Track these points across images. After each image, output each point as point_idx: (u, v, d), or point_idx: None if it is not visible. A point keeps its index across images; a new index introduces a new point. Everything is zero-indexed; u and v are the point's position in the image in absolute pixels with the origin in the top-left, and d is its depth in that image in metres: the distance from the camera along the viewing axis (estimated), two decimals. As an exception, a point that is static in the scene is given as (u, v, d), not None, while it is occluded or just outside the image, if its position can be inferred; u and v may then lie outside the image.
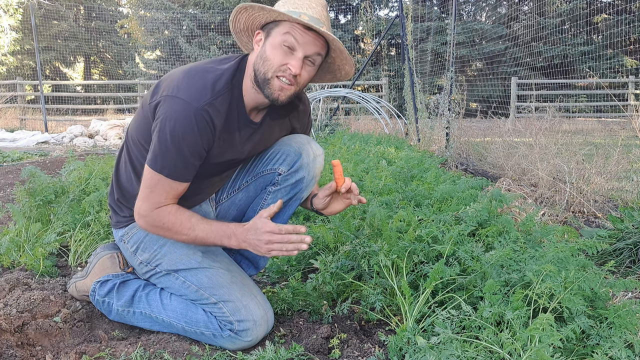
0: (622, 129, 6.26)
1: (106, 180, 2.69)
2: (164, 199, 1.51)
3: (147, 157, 1.49)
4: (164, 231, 1.54)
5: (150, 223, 1.53)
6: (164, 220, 1.51)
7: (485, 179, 2.91)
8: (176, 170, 1.46)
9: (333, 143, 5.86)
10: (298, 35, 1.44)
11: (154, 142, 1.46)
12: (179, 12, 18.93)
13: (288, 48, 1.45)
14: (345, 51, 1.53)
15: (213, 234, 1.53)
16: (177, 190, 1.51)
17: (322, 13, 1.49)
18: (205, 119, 1.44)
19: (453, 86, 5.56)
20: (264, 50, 1.48)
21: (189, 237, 1.54)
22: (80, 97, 18.19)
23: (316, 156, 1.69)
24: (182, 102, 1.42)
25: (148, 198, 1.50)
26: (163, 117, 1.43)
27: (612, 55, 15.95)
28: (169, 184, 1.48)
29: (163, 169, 1.45)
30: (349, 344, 1.54)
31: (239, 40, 1.65)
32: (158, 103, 1.46)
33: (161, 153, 1.44)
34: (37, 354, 1.48)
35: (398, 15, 7.70)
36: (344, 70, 1.62)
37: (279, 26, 1.47)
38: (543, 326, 1.21)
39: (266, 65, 1.47)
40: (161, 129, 1.43)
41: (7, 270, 2.11)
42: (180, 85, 1.45)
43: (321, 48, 1.50)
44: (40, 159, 6.62)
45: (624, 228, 2.44)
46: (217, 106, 1.47)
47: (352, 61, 1.58)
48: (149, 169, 1.48)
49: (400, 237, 1.79)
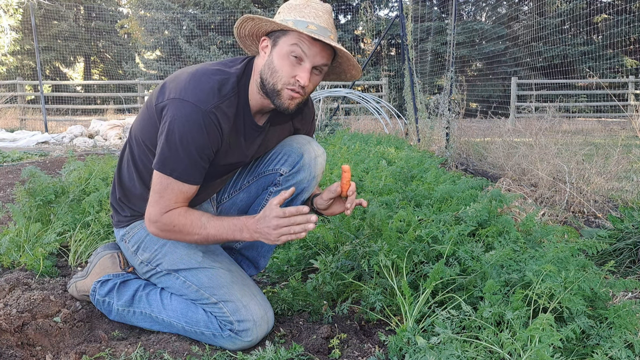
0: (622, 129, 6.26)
1: (106, 180, 2.69)
2: (174, 203, 1.49)
3: (155, 161, 1.47)
4: (176, 234, 1.52)
5: (161, 228, 1.51)
6: (175, 222, 1.49)
7: (485, 179, 2.91)
8: (186, 173, 1.45)
9: (333, 143, 5.86)
10: (306, 47, 1.44)
11: (161, 146, 1.45)
12: (179, 12, 18.93)
13: (296, 59, 1.45)
14: (353, 58, 1.52)
15: (225, 229, 1.50)
16: (187, 193, 1.50)
17: (329, 21, 1.49)
18: (213, 122, 1.44)
19: (453, 86, 5.57)
20: (272, 60, 1.48)
21: (201, 236, 1.51)
22: (80, 97, 18.19)
23: (317, 157, 1.70)
24: (190, 105, 1.42)
25: (157, 203, 1.48)
26: (171, 120, 1.42)
27: (612, 55, 15.95)
28: (178, 187, 1.47)
29: (173, 172, 1.44)
30: (349, 344, 1.54)
31: (243, 43, 1.64)
32: (165, 106, 1.45)
33: (170, 156, 1.43)
34: (37, 354, 1.48)
35: (398, 15, 7.70)
36: (349, 73, 1.63)
37: (286, 35, 1.46)
38: (543, 326, 1.21)
39: (275, 77, 1.47)
40: (169, 132, 1.42)
41: (7, 270, 2.11)
42: (187, 88, 1.44)
43: (328, 57, 1.50)
44: (40, 159, 6.62)
45: (624, 228, 2.44)
46: (225, 109, 1.47)
47: (359, 67, 1.58)
48: (158, 173, 1.46)
49: (400, 237, 1.80)
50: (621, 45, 14.70)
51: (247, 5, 17.65)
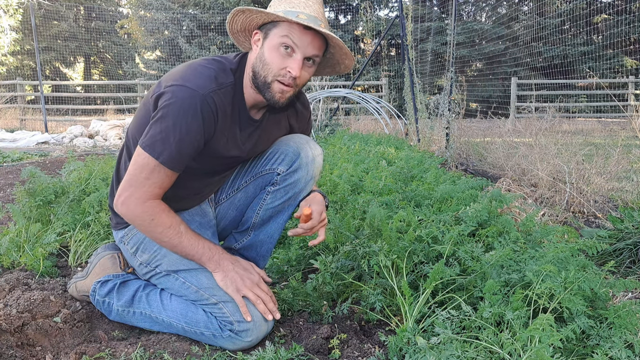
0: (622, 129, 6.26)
1: (106, 180, 2.69)
2: (158, 189, 1.46)
3: (142, 140, 1.42)
4: (147, 226, 1.48)
5: (142, 211, 1.45)
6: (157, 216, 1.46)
7: (485, 179, 2.91)
8: (172, 158, 1.42)
9: (333, 143, 5.86)
10: (296, 37, 1.44)
11: (153, 127, 1.41)
12: (179, 12, 18.93)
13: (287, 50, 1.45)
14: (345, 47, 1.52)
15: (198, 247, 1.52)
16: (169, 180, 1.47)
17: (319, 10, 1.48)
18: (210, 106, 1.43)
19: (453, 86, 5.56)
20: (263, 53, 1.48)
21: (171, 242, 1.49)
22: (80, 98, 18.18)
23: (315, 156, 1.70)
24: (187, 89, 1.41)
25: (143, 185, 1.43)
26: (168, 102, 1.40)
27: (612, 56, 15.95)
28: (164, 172, 1.44)
29: (161, 154, 1.40)
30: (349, 344, 1.54)
31: (236, 40, 1.64)
32: (161, 94, 1.44)
33: (161, 138, 1.40)
34: (37, 354, 1.48)
35: (398, 15, 7.70)
36: (343, 64, 1.61)
37: (277, 27, 1.46)
38: (543, 326, 1.21)
39: (266, 69, 1.47)
40: (164, 115, 1.40)
41: (7, 270, 2.11)
42: (185, 76, 1.44)
43: (320, 48, 1.49)
44: (40, 159, 6.62)
45: (624, 228, 2.44)
46: (222, 97, 1.47)
47: (351, 55, 1.57)
48: (144, 153, 1.41)
49: (400, 238, 1.79)
50: (621, 45, 14.70)
51: (247, 6, 17.66)
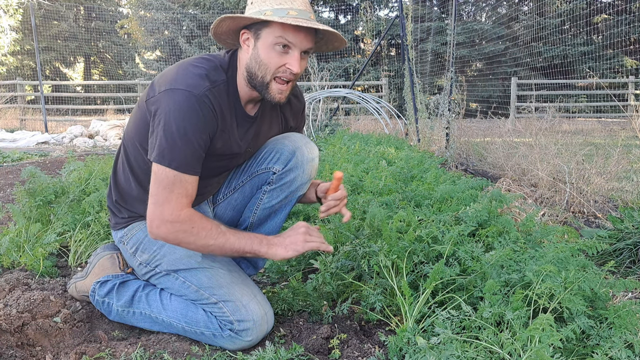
0: (622, 129, 6.25)
1: (106, 180, 2.69)
2: (184, 198, 1.44)
3: (153, 155, 1.42)
4: (190, 237, 1.44)
5: (177, 228, 1.43)
6: (195, 224, 1.44)
7: (485, 179, 2.91)
8: (186, 162, 1.41)
9: (333, 143, 5.86)
10: (291, 36, 1.43)
11: (158, 137, 1.40)
12: (179, 12, 18.93)
13: (283, 48, 1.44)
14: (335, 31, 1.50)
15: (244, 239, 1.49)
16: (192, 186, 1.45)
17: (305, 1, 1.47)
18: (208, 104, 1.43)
19: (453, 86, 5.56)
20: (258, 54, 1.47)
21: (217, 243, 1.46)
22: (80, 98, 18.18)
23: (311, 155, 1.70)
24: (182, 92, 1.41)
25: (168, 200, 1.41)
26: (166, 109, 1.40)
27: (612, 56, 15.95)
28: (184, 179, 1.42)
29: (173, 161, 1.40)
30: (349, 344, 1.54)
31: (218, 39, 1.60)
32: (157, 100, 1.44)
33: (169, 146, 1.39)
34: (37, 354, 1.48)
35: (398, 15, 7.70)
36: (332, 45, 1.60)
37: (268, 27, 1.45)
38: (543, 326, 1.21)
39: (263, 69, 1.47)
40: (166, 122, 1.39)
41: (7, 270, 2.11)
42: (176, 78, 1.44)
43: (313, 38, 1.49)
44: (40, 159, 6.62)
45: (624, 228, 2.44)
46: (216, 94, 1.47)
47: (341, 37, 1.53)
48: (157, 165, 1.41)
49: (400, 238, 1.79)
50: (621, 45, 14.70)
51: (241, 6, 17.65)
